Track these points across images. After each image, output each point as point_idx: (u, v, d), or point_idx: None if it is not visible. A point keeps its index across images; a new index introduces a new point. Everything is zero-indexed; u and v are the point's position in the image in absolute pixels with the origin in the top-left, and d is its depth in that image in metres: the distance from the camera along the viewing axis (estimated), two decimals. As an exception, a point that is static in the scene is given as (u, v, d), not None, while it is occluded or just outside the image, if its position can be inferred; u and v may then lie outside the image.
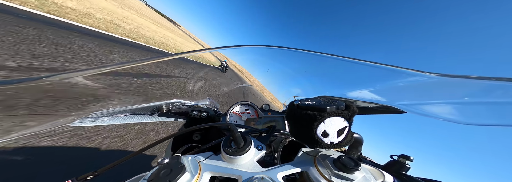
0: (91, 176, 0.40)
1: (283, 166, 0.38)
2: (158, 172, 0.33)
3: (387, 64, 0.51)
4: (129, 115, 0.81)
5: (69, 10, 5.38)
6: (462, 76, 0.41)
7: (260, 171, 0.36)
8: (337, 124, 0.37)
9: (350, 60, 0.57)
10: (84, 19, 5.46)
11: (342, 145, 0.39)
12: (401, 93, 0.60)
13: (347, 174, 0.34)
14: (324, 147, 0.39)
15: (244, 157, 0.38)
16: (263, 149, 0.42)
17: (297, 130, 0.42)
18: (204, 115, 0.89)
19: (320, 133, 0.37)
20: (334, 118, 0.36)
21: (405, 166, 0.60)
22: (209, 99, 1.04)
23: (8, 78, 1.93)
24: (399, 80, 0.53)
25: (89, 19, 5.74)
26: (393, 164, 0.62)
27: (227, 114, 0.97)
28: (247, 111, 1.01)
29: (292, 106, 0.43)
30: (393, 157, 0.64)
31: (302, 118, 0.38)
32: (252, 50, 0.71)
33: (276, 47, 0.69)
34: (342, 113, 0.36)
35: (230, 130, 0.41)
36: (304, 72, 0.89)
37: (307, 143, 0.40)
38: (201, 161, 0.40)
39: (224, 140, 0.43)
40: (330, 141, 0.38)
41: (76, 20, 4.93)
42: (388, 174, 0.37)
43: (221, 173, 0.36)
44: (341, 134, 0.38)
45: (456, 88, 0.48)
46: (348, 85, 0.74)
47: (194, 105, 0.92)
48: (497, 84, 0.37)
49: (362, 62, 0.55)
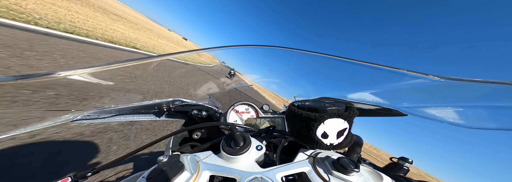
0: (90, 173, 0.40)
1: (282, 167, 0.38)
2: (157, 171, 0.33)
3: (389, 66, 0.51)
4: (131, 113, 0.81)
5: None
6: (465, 79, 0.41)
7: (259, 171, 0.36)
8: (337, 126, 0.36)
9: (351, 62, 0.57)
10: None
11: (341, 147, 0.39)
12: (402, 95, 0.60)
13: (346, 175, 0.34)
14: (323, 148, 0.38)
15: (243, 157, 0.38)
16: (262, 149, 0.42)
17: (297, 131, 0.42)
18: (205, 114, 0.89)
19: (319, 134, 0.37)
20: (334, 119, 0.36)
21: (404, 169, 0.60)
22: (210, 98, 1.05)
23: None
24: (401, 82, 0.53)
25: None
26: (392, 166, 0.61)
27: (227, 113, 0.97)
28: (247, 111, 1.01)
29: (292, 106, 0.43)
30: (392, 159, 0.63)
31: (302, 119, 0.38)
32: (251, 51, 0.70)
33: (276, 47, 0.69)
34: (342, 114, 0.36)
35: (230, 129, 0.41)
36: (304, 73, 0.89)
37: (307, 144, 0.40)
38: (200, 160, 0.40)
39: (223, 139, 0.43)
40: (330, 142, 0.37)
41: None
42: (386, 176, 0.37)
43: (220, 172, 0.36)
44: (341, 135, 0.38)
45: (459, 92, 0.48)
46: (349, 87, 0.74)
47: (194, 104, 0.92)
48: (501, 88, 0.37)
49: (363, 63, 0.55)
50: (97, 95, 0.53)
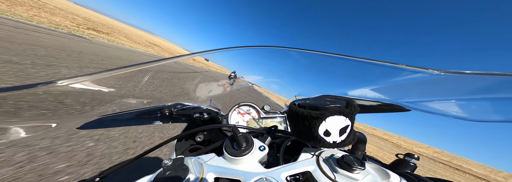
0: (98, 179, 0.41)
1: (286, 166, 0.38)
2: (163, 174, 0.34)
3: (388, 62, 0.51)
4: (134, 118, 0.82)
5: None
6: (466, 72, 0.41)
7: (263, 172, 0.36)
8: (338, 123, 0.36)
9: (350, 59, 0.57)
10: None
11: (345, 144, 0.39)
12: (404, 91, 0.60)
13: (352, 173, 0.33)
14: (326, 147, 0.38)
15: (247, 158, 0.38)
16: (265, 149, 0.42)
17: (299, 130, 0.42)
18: (206, 116, 0.89)
19: (322, 132, 0.36)
20: (336, 116, 0.36)
21: (411, 165, 0.59)
22: (211, 100, 1.05)
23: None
24: (401, 77, 0.53)
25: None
26: (398, 163, 0.61)
27: (229, 115, 0.97)
28: (248, 112, 1.01)
29: (293, 105, 0.43)
30: (398, 156, 0.63)
31: (303, 118, 0.38)
32: (248, 52, 0.70)
33: (275, 47, 0.69)
34: (343, 111, 0.36)
35: (232, 131, 0.41)
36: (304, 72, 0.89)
37: (310, 143, 0.40)
38: (205, 162, 0.40)
39: (226, 141, 0.43)
40: (333, 140, 0.37)
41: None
42: (393, 174, 0.37)
43: (224, 174, 0.36)
44: (344, 133, 0.38)
45: (460, 85, 0.48)
46: (349, 84, 0.74)
47: (196, 107, 0.93)
48: (502, 79, 0.37)
49: (362, 60, 0.55)
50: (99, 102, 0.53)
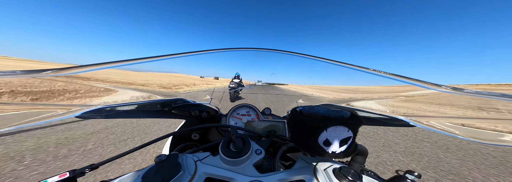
0: (88, 170, 0.40)
1: (280, 173, 0.37)
2: (154, 169, 0.33)
3: (399, 75, 0.49)
4: (133, 111, 0.82)
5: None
6: (477, 92, 0.39)
7: (257, 176, 0.35)
8: (340, 134, 0.35)
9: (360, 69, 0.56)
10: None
11: (344, 156, 0.37)
12: (411, 105, 0.58)
13: None
14: (325, 156, 0.37)
15: (242, 161, 0.37)
16: (261, 153, 0.41)
17: (298, 137, 0.41)
18: (205, 115, 0.89)
19: (322, 141, 0.35)
20: (338, 127, 0.35)
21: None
22: (211, 99, 1.05)
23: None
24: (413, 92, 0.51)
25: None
26: (397, 179, 0.58)
27: (228, 115, 0.96)
28: (248, 113, 1.00)
29: (295, 112, 0.42)
30: (398, 172, 0.61)
31: (304, 125, 0.37)
32: (253, 54, 0.69)
33: (275, 51, 0.69)
34: (346, 122, 0.35)
35: (230, 131, 0.40)
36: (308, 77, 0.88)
37: (308, 151, 0.39)
38: (198, 161, 0.39)
39: (223, 141, 0.42)
40: (332, 151, 0.36)
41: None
42: None
43: (217, 174, 0.35)
44: (344, 144, 0.36)
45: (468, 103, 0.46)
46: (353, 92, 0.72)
47: (196, 104, 0.92)
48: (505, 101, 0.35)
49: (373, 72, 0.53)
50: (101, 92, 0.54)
